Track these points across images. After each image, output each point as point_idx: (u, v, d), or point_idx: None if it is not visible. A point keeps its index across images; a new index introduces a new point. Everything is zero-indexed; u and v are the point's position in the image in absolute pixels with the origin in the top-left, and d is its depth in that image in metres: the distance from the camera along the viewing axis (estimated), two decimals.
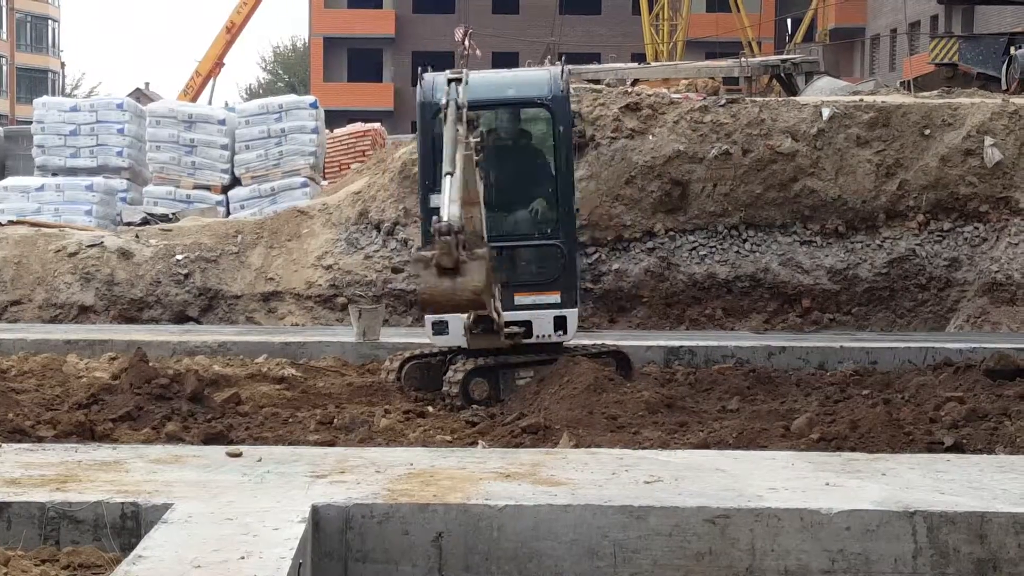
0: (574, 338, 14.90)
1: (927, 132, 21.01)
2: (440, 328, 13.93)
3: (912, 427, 10.96)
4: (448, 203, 11.10)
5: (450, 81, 12.34)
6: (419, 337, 15.23)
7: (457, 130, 11.93)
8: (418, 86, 14.42)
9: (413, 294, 15.68)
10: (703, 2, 70.28)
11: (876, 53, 66.39)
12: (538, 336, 14.01)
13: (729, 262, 20.67)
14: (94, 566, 6.75)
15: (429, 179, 14.36)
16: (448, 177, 11.33)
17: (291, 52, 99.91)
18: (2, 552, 6.37)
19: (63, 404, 12.68)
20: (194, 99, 52.69)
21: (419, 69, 14.91)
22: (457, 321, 13.73)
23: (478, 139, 12.53)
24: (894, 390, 13.69)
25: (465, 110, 12.07)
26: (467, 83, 12.39)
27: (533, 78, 14.78)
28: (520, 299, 14.05)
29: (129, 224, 25.38)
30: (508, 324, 13.81)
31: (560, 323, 13.99)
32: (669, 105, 21.59)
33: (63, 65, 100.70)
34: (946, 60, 36.52)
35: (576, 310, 14.17)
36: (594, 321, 19.94)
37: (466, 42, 35.42)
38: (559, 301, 14.04)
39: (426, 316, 13.95)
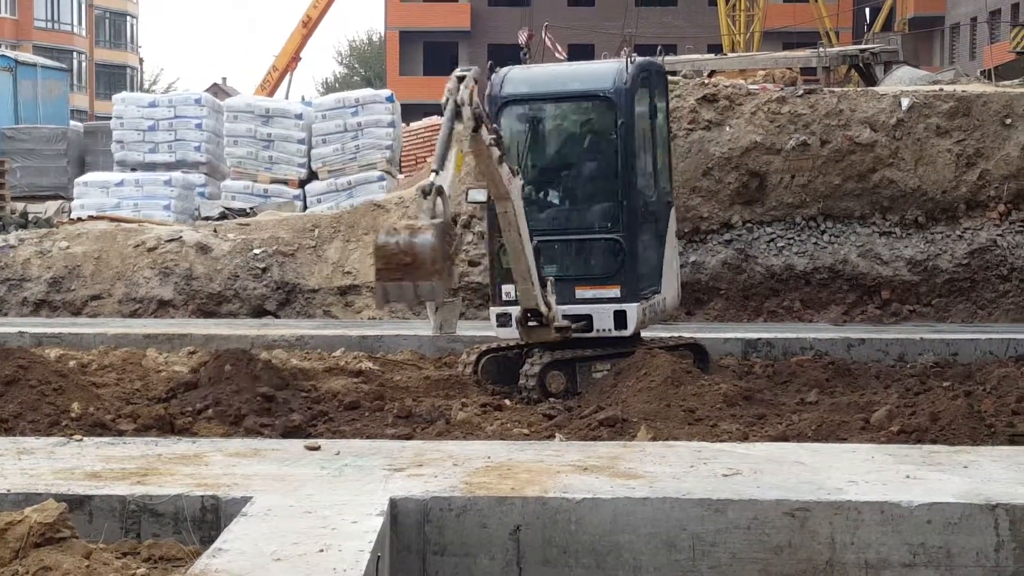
0: (651, 330, 14.87)
1: (1008, 121, 20.76)
2: (504, 321, 13.96)
3: (994, 419, 10.84)
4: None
5: (459, 79, 12.41)
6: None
7: (453, 128, 12.13)
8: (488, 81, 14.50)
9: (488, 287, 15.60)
10: None
11: (956, 42, 65.71)
12: (598, 331, 13.97)
13: (807, 254, 20.53)
14: (174, 559, 6.79)
15: None
16: (434, 175, 11.69)
17: (367, 46, 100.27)
18: (84, 545, 6.42)
19: (143, 398, 12.80)
20: (271, 94, 52.96)
21: (488, 64, 14.94)
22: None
23: (494, 136, 12.62)
24: (975, 382, 13.54)
25: (469, 108, 12.21)
26: (475, 80, 12.61)
27: (600, 71, 14.72)
28: (581, 293, 14.06)
29: (207, 218, 25.58)
30: (568, 318, 13.83)
31: (620, 318, 13.93)
32: (746, 96, 21.45)
33: (141, 61, 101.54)
34: None
35: (636, 305, 13.99)
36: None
37: (544, 38, 35.44)
38: (619, 296, 13.98)
39: (491, 309, 14.07)
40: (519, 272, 13.50)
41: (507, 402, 13.33)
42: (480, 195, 13.39)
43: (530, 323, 13.71)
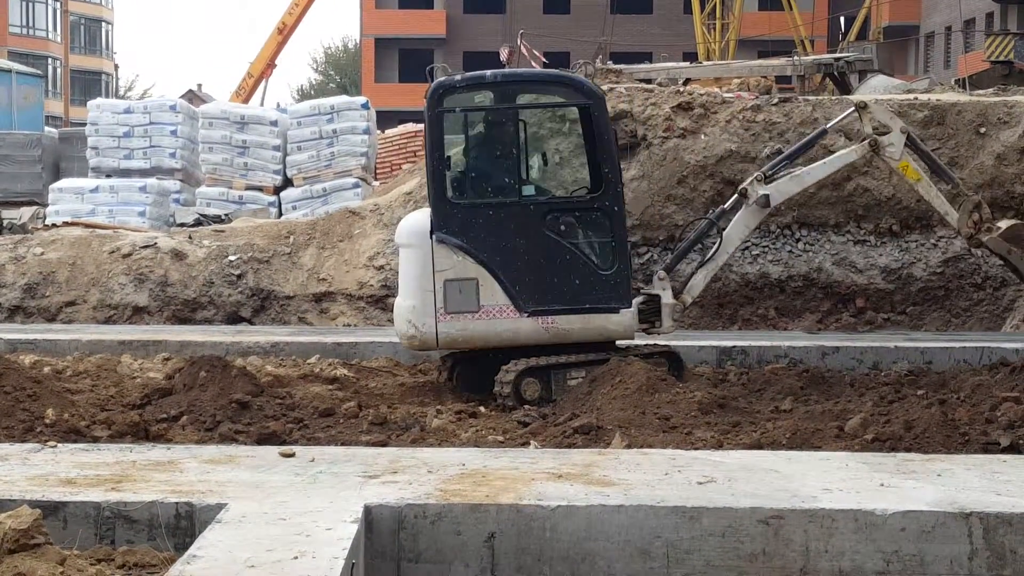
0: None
1: (982, 130, 20.85)
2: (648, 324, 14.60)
3: (968, 428, 10.86)
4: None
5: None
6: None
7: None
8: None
9: None
10: (755, 0, 70.08)
11: (931, 51, 66.00)
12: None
13: (782, 262, 20.57)
14: (149, 566, 6.78)
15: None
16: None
17: (342, 53, 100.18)
18: (58, 551, 6.40)
19: (117, 404, 12.76)
20: (246, 100, 52.95)
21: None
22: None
23: None
24: (949, 390, 13.56)
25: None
26: None
27: None
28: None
29: (182, 225, 25.53)
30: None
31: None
32: (721, 104, 21.51)
33: (116, 67, 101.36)
34: (1002, 58, 36.35)
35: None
36: None
37: (520, 45, 35.52)
38: None
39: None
40: (716, 270, 14.84)
41: (482, 409, 13.32)
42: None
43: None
